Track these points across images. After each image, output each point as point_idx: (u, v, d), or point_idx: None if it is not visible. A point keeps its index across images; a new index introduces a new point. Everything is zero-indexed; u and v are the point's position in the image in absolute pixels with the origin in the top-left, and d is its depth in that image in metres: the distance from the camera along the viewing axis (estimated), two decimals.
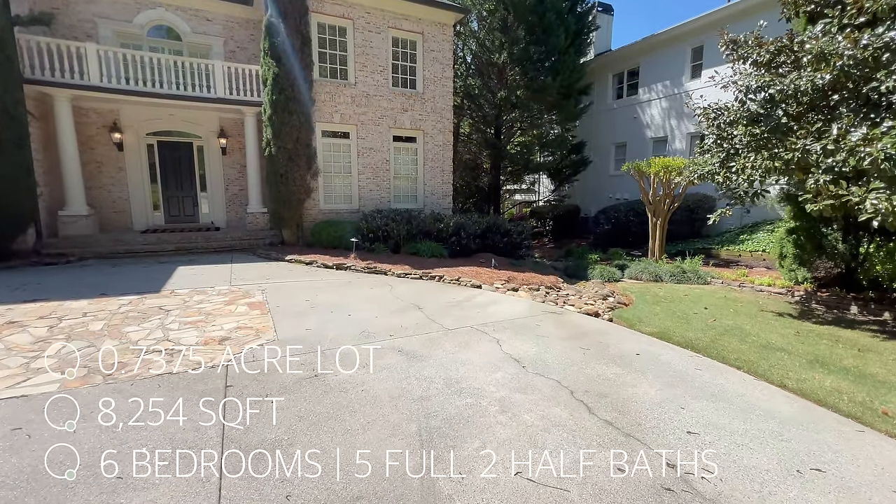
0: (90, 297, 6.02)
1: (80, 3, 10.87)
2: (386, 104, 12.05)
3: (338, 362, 4.05)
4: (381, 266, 8.51)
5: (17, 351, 4.10)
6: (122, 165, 11.47)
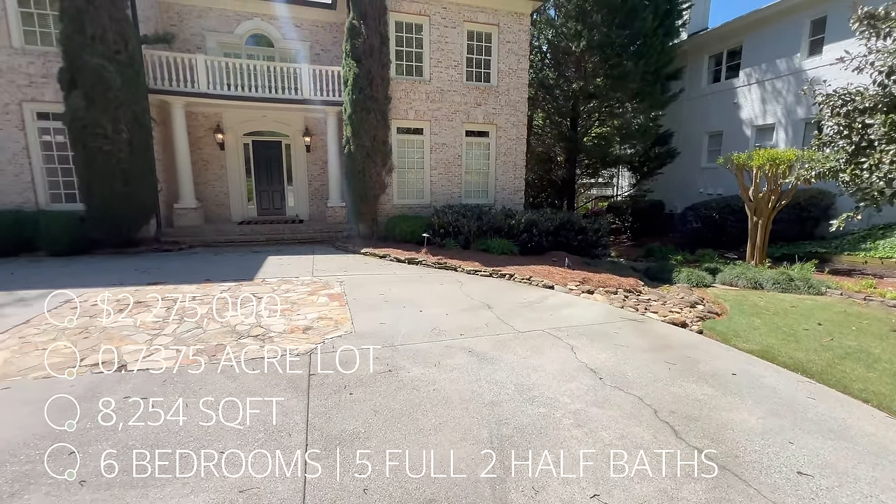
0: (198, 283, 6.81)
1: (192, 19, 12.23)
2: (459, 99, 12.04)
3: (410, 359, 4.15)
4: (452, 262, 8.58)
5: (143, 328, 4.76)
6: (223, 163, 12.79)
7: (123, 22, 9.20)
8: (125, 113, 9.17)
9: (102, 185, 9.10)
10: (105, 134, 8.90)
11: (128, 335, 4.55)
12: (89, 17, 8.73)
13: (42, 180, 9.99)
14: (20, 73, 9.50)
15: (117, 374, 3.67)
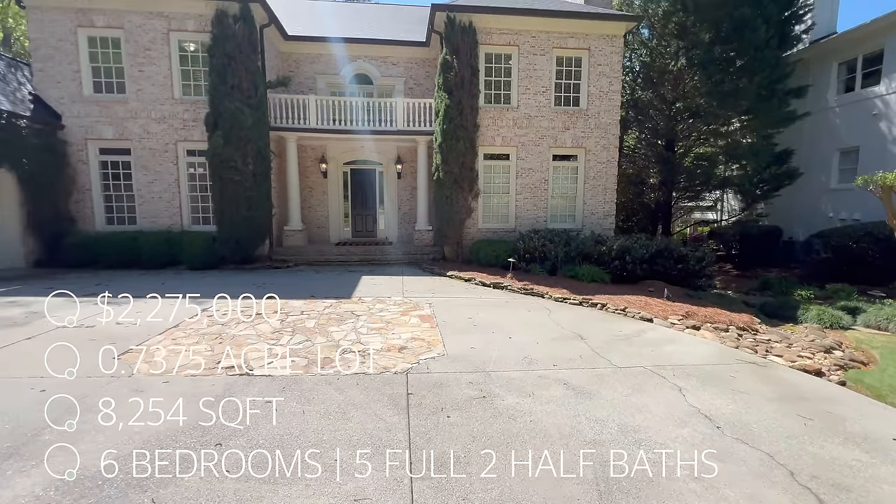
0: (304, 298, 7.53)
1: (306, 65, 13.94)
2: (547, 124, 12.03)
3: (504, 386, 4.13)
4: (538, 288, 8.42)
5: (263, 338, 5.37)
6: (325, 190, 14.15)
7: (255, 73, 10.82)
8: (252, 148, 10.67)
9: (231, 210, 10.60)
10: (236, 167, 10.41)
11: (252, 343, 5.16)
12: (230, 71, 10.42)
13: (187, 206, 11.91)
14: (177, 119, 11.56)
15: (245, 378, 4.18)
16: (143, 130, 11.42)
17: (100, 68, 11.36)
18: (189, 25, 11.24)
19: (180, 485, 2.57)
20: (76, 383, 3.94)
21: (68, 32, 11.05)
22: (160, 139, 11.50)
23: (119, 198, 11.73)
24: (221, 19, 10.44)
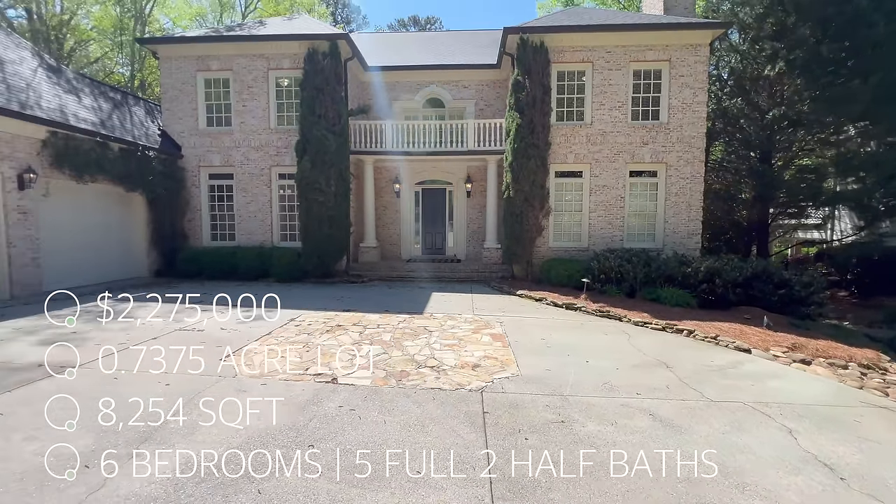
0: (379, 312, 7.87)
1: (383, 92, 14.86)
2: (623, 140, 11.59)
3: (583, 412, 3.96)
4: (615, 310, 8.01)
5: (345, 348, 5.70)
6: (398, 209, 14.81)
7: (340, 102, 11.79)
8: (335, 171, 11.55)
9: (315, 227, 11.49)
10: (320, 188, 11.32)
11: (335, 353, 5.50)
12: (318, 102, 11.46)
13: (277, 224, 13.13)
14: (272, 146, 12.90)
15: (331, 385, 4.46)
16: (244, 157, 12.89)
17: (212, 105, 13.11)
18: (285, 64, 12.60)
19: (281, 480, 2.80)
20: (192, 380, 4.48)
21: (190, 77, 12.93)
22: (257, 165, 12.89)
23: (222, 217, 13.27)
24: (312, 56, 11.59)
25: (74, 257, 10.23)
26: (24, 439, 3.21)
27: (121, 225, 11.75)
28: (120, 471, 2.86)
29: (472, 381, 4.63)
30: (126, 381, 4.43)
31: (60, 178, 9.67)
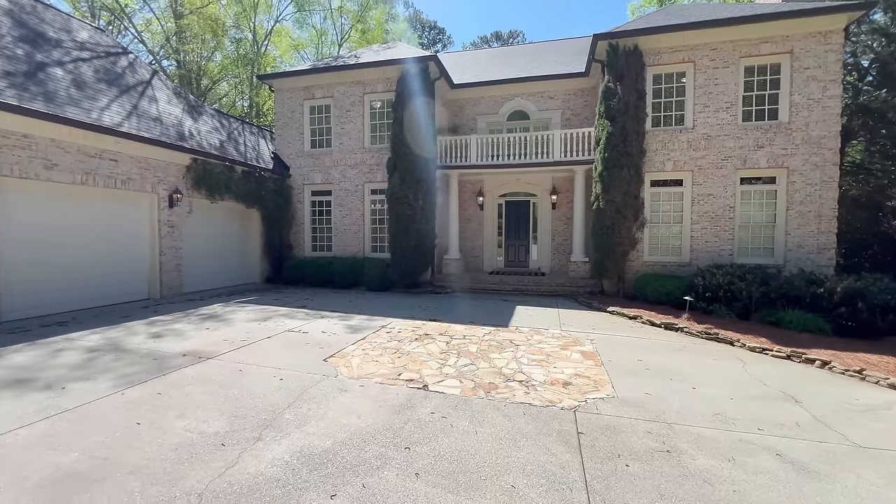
0: (465, 323, 7.97)
1: (468, 108, 15.27)
2: (732, 143, 10.45)
3: (692, 443, 3.59)
4: (725, 333, 7.16)
5: (434, 357, 5.86)
6: (481, 221, 14.96)
7: (428, 120, 12.34)
8: (422, 186, 12.07)
9: (402, 240, 12.07)
10: (409, 202, 11.89)
11: (424, 360, 5.69)
12: (408, 121, 12.12)
13: (368, 236, 14.04)
14: (366, 164, 13.89)
15: (422, 392, 4.60)
16: (341, 175, 14.06)
17: (315, 129, 14.56)
18: (378, 88, 13.58)
19: (382, 478, 2.96)
20: (301, 377, 4.94)
21: (298, 105, 14.54)
22: (352, 181, 13.97)
23: (321, 229, 14.56)
24: (403, 79, 12.34)
25: (205, 265, 11.96)
26: (176, 417, 3.82)
27: (240, 237, 13.49)
28: (248, 452, 3.25)
29: (563, 400, 4.46)
30: (248, 372, 5.04)
31: (198, 197, 11.43)
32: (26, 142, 7.67)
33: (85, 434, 3.47)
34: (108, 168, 9.10)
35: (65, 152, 8.28)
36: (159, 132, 10.41)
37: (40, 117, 7.61)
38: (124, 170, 9.46)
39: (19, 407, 3.94)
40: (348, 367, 5.32)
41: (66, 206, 8.55)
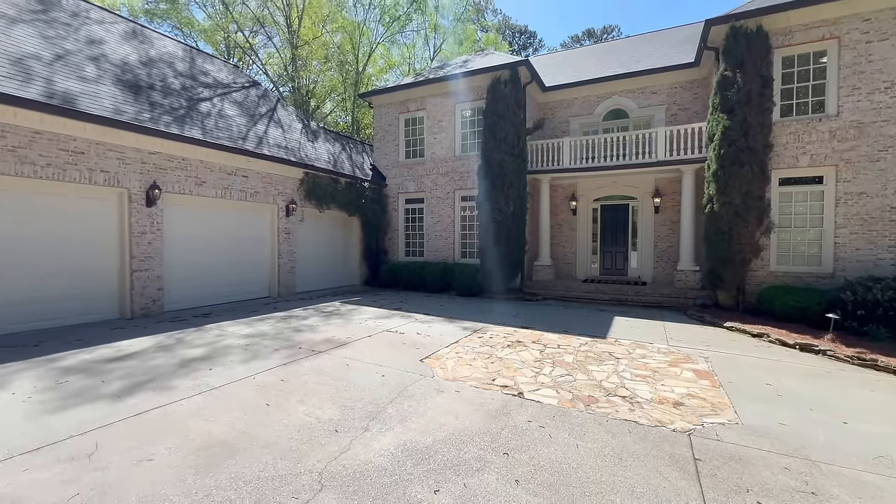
0: (558, 332, 7.69)
1: (560, 110, 14.83)
2: (894, 130, 8.63)
3: (847, 488, 3.01)
4: (886, 360, 5.90)
5: (527, 365, 5.76)
6: (574, 226, 14.36)
7: (518, 126, 12.26)
8: (512, 192, 11.99)
9: (492, 246, 12.09)
10: (499, 208, 11.90)
11: (517, 368, 5.61)
12: (498, 128, 12.17)
13: (458, 242, 14.34)
14: (456, 172, 14.24)
15: (517, 399, 4.55)
16: (433, 183, 14.60)
17: (409, 140, 15.34)
18: (469, 96, 13.86)
19: (482, 480, 2.98)
20: (400, 375, 5.21)
21: (394, 118, 15.47)
22: (443, 189, 14.40)
23: (414, 235, 15.24)
24: (494, 86, 12.43)
25: (313, 267, 13.26)
26: (297, 402, 4.28)
27: (342, 243, 14.72)
28: (358, 440, 3.51)
29: (674, 421, 4.07)
30: (354, 367, 5.46)
31: (309, 206, 12.75)
32: (184, 164, 9.29)
33: (227, 409, 4.06)
34: (240, 183, 10.60)
35: (210, 171, 9.85)
36: (279, 151, 11.85)
37: (195, 143, 9.18)
38: (252, 184, 10.94)
39: (178, 386, 4.76)
40: (443, 369, 5.47)
41: (210, 216, 10.15)
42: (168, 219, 9.10)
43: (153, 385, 4.64)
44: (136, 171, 8.40)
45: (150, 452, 3.24)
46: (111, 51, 9.74)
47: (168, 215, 9.09)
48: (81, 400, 4.19)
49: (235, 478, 2.94)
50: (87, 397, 4.26)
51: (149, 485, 2.83)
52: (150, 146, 8.61)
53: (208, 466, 3.07)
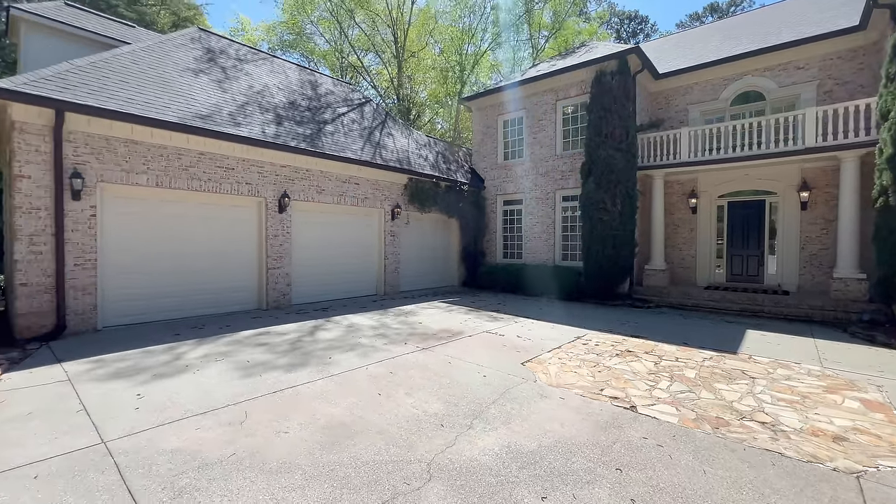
0: (676, 344, 6.93)
1: (676, 98, 13.38)
2: None
3: None
4: None
5: (640, 377, 5.29)
6: (693, 227, 12.83)
7: (627, 119, 11.37)
8: (620, 190, 11.16)
9: (597, 248, 11.38)
10: (605, 208, 11.17)
11: (628, 379, 5.19)
12: (605, 122, 11.43)
13: (559, 244, 13.82)
14: (557, 171, 13.75)
15: (630, 412, 4.20)
16: (532, 184, 14.30)
17: (508, 142, 15.25)
18: (572, 92, 13.29)
19: (593, 493, 2.82)
20: (502, 377, 5.19)
21: (493, 121, 15.53)
22: (543, 189, 14.02)
23: (511, 237, 15.10)
24: (600, 78, 11.71)
25: (414, 268, 13.93)
26: (405, 394, 4.53)
27: (442, 245, 15.20)
28: (463, 436, 3.59)
29: (835, 458, 3.37)
30: (456, 365, 5.59)
31: (411, 210, 13.44)
32: (307, 174, 10.51)
33: (345, 395, 4.47)
34: (352, 190, 11.62)
35: (328, 180, 10.98)
36: (386, 159, 12.71)
37: (317, 155, 10.32)
38: (363, 190, 11.91)
39: (306, 370, 5.38)
40: (546, 374, 5.31)
41: (326, 221, 11.30)
42: (294, 223, 10.37)
43: (285, 368, 5.32)
44: (271, 182, 9.75)
45: (286, 426, 3.71)
46: (254, 81, 11.46)
47: (294, 220, 10.36)
48: (236, 376, 4.98)
49: (354, 458, 3.21)
50: (239, 374, 5.05)
51: (286, 454, 3.24)
52: (282, 160, 9.91)
53: (332, 444, 3.41)
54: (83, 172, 7.04)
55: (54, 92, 6.64)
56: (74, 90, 6.96)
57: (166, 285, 8.21)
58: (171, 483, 2.84)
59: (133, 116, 7.31)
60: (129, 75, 8.19)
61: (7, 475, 2.90)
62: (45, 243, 6.71)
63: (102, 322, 7.31)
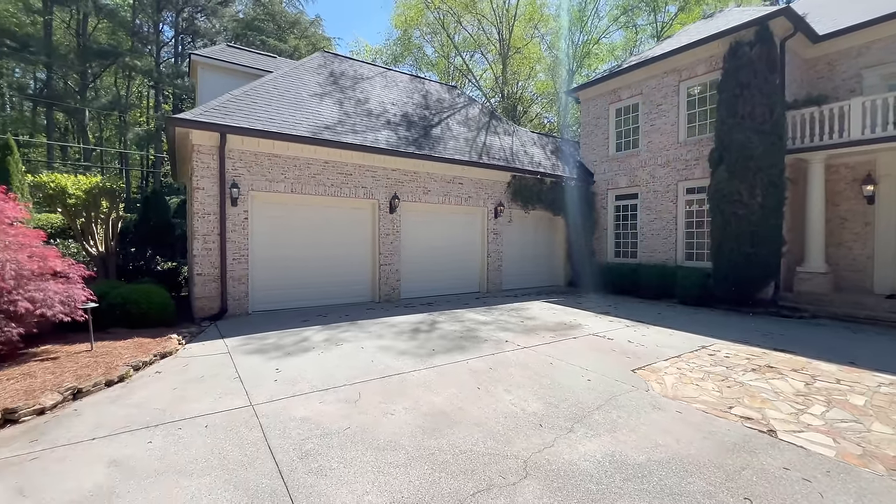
0: (838, 363, 5.67)
1: (844, 63, 10.90)
2: None
3: None
4: None
5: (784, 397, 4.47)
6: (868, 220, 10.32)
7: (771, 95, 9.64)
8: (761, 178, 9.52)
9: (731, 246, 9.88)
10: (741, 200, 9.64)
11: (767, 398, 4.42)
12: (741, 101, 9.84)
13: (682, 242, 12.34)
14: (680, 160, 12.29)
15: (766, 436, 3.58)
16: (649, 176, 13.02)
17: (621, 132, 14.12)
18: (699, 70, 11.75)
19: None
20: (608, 382, 4.86)
21: (603, 111, 14.53)
22: (663, 182, 12.66)
23: (625, 235, 13.95)
24: (735, 51, 10.12)
25: (517, 266, 13.75)
26: (504, 390, 4.54)
27: (546, 243, 14.74)
28: (562, 439, 3.46)
29: None
30: (557, 367, 5.40)
31: (515, 208, 13.30)
32: (415, 176, 11.13)
33: (446, 386, 4.65)
34: (457, 189, 11.96)
35: (434, 181, 11.49)
36: (489, 157, 12.80)
37: (423, 158, 10.88)
38: (466, 190, 12.18)
39: (409, 360, 5.73)
40: (661, 385, 4.81)
41: (432, 220, 11.83)
42: (403, 222, 11.08)
43: (393, 356, 5.74)
44: (382, 185, 10.57)
45: (392, 409, 4.01)
46: (370, 93, 12.55)
47: (403, 220, 11.07)
48: (352, 359, 5.55)
49: (453, 445, 3.33)
50: (354, 358, 5.61)
51: (392, 434, 3.52)
52: (392, 164, 10.67)
53: (433, 430, 3.59)
54: (239, 183, 8.54)
55: (218, 118, 8.19)
56: (233, 116, 8.48)
57: (297, 278, 9.49)
58: (299, 445, 3.30)
59: (274, 134, 8.63)
60: (271, 99, 9.68)
61: (190, 422, 3.68)
62: (214, 241, 8.32)
63: (252, 307, 8.77)
